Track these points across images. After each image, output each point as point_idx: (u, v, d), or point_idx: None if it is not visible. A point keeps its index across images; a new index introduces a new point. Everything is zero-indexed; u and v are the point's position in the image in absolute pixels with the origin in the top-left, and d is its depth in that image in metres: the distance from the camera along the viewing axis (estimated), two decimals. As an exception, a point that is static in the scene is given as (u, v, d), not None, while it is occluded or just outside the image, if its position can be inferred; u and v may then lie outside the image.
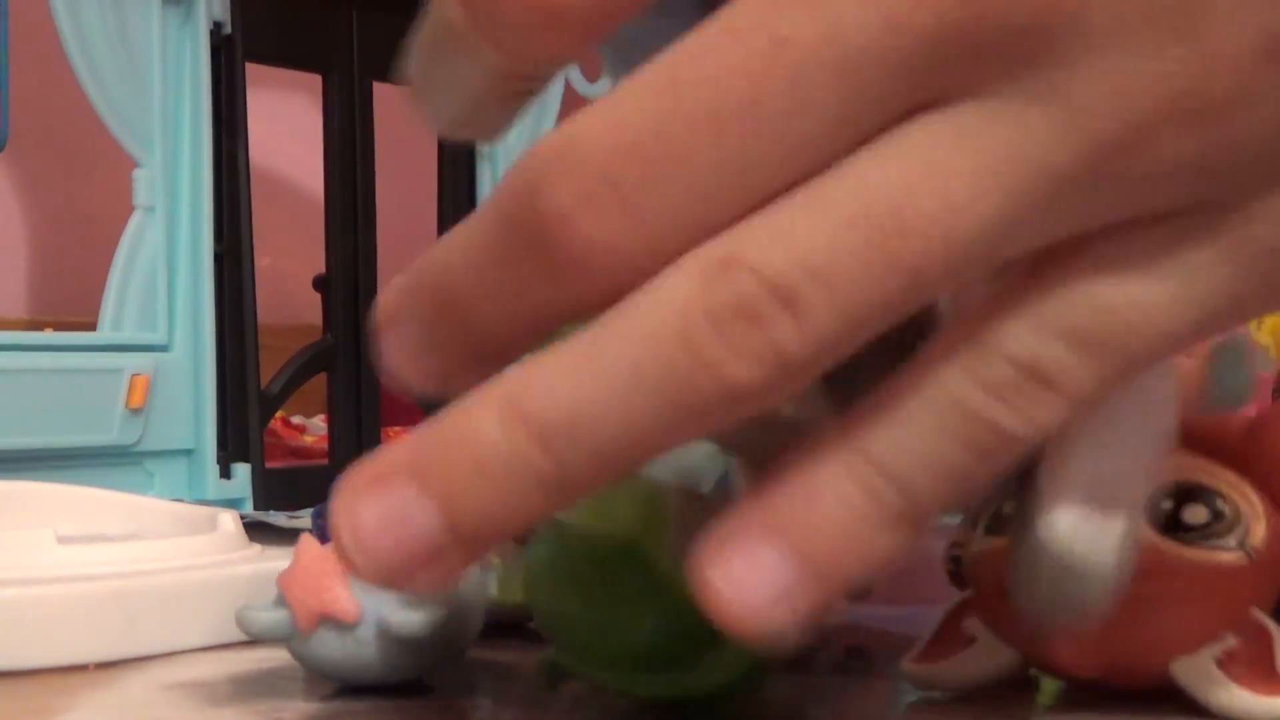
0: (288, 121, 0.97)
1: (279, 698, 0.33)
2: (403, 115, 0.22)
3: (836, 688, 0.32)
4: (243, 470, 0.76)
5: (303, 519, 0.52)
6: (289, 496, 0.75)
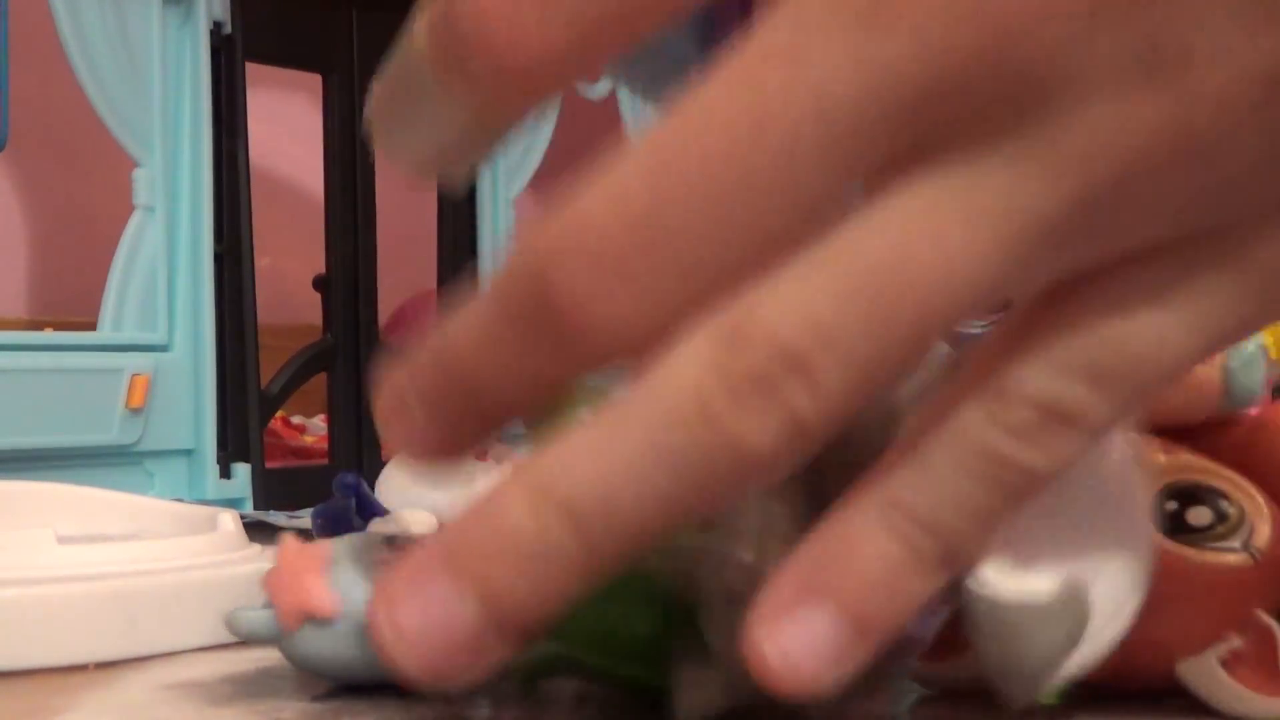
0: (288, 121, 0.97)
1: (279, 698, 0.33)
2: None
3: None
4: (243, 470, 0.76)
5: (303, 519, 0.52)
6: (289, 496, 0.75)
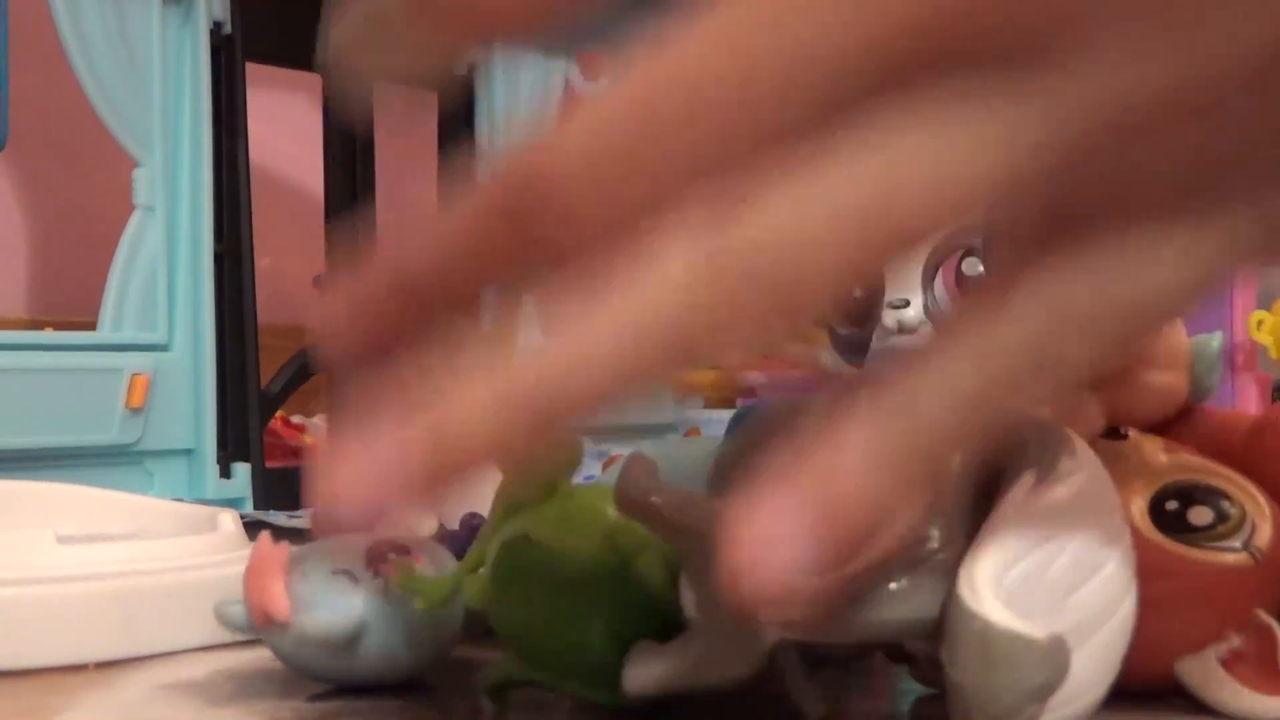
0: (288, 121, 0.97)
1: (278, 697, 0.33)
2: (403, 115, 0.22)
3: (837, 686, 0.32)
4: (243, 470, 0.76)
5: (302, 518, 0.52)
6: (289, 496, 0.75)
